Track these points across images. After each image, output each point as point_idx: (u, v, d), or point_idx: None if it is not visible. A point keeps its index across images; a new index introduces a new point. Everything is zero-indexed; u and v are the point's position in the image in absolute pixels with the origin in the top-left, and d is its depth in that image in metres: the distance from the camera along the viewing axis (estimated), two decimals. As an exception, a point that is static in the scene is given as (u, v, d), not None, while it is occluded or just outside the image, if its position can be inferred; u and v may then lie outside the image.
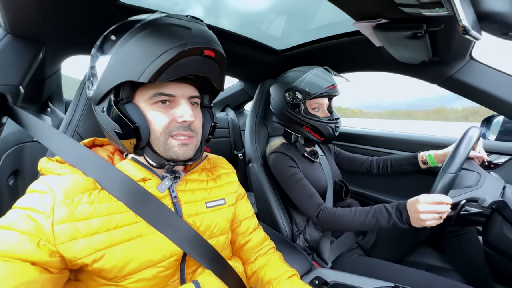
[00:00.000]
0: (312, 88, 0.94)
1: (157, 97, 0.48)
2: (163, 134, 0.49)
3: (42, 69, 0.83)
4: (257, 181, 1.14)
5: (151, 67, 0.42)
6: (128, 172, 0.51)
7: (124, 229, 0.46)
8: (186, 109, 0.49)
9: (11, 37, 0.63)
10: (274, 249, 0.73)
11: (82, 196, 0.45)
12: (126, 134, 0.47)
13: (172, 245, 0.50)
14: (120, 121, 0.46)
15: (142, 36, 0.43)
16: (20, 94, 0.66)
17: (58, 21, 0.67)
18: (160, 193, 0.52)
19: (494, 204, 0.67)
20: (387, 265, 0.85)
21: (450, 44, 0.74)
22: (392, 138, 1.36)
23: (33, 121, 0.56)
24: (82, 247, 0.42)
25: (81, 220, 0.43)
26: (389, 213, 0.76)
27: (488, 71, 0.82)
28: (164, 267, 0.50)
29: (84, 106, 0.68)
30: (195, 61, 0.46)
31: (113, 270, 0.44)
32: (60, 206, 0.42)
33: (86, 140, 0.57)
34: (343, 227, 0.83)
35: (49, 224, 0.40)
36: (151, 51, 0.42)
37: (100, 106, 0.49)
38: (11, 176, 0.81)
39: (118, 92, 0.47)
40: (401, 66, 0.97)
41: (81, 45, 0.83)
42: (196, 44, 0.44)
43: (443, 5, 0.45)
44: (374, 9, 0.62)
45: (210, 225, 0.58)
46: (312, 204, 0.89)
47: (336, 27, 0.99)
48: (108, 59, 0.45)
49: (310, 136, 1.00)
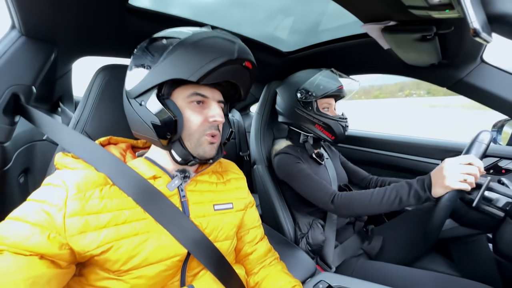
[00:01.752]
0: (324, 87, 0.96)
1: (194, 96, 0.53)
2: (198, 132, 0.54)
3: (53, 69, 0.85)
4: (261, 183, 1.14)
5: (202, 69, 0.47)
6: (139, 169, 0.53)
7: (132, 224, 0.48)
8: (217, 110, 0.55)
9: (25, 39, 0.65)
10: (277, 259, 0.73)
11: (94, 191, 0.46)
12: (165, 126, 0.50)
13: (177, 244, 0.51)
14: (161, 113, 0.50)
15: (197, 42, 0.49)
16: (33, 94, 0.67)
17: (70, 23, 0.68)
18: (169, 191, 0.54)
19: (508, 205, 0.65)
20: (396, 268, 0.83)
21: (460, 46, 0.72)
22: (399, 142, 1.34)
23: (46, 119, 0.57)
24: (90, 240, 0.43)
25: (91, 214, 0.44)
26: (409, 184, 0.73)
27: (500, 75, 0.80)
28: (167, 266, 0.50)
29: (93, 105, 0.69)
30: (235, 69, 0.52)
31: (117, 262, 0.45)
32: (73, 199, 0.44)
33: (102, 138, 0.59)
34: (361, 208, 0.80)
35: (61, 216, 0.42)
36: (203, 55, 0.48)
37: (138, 99, 0.52)
38: (22, 174, 0.83)
39: (161, 88, 0.51)
40: (409, 69, 0.96)
41: (92, 46, 0.85)
42: (240, 55, 0.50)
43: (453, 7, 0.45)
44: (382, 11, 0.62)
45: (216, 228, 0.58)
46: (326, 192, 0.88)
47: (343, 29, 0.99)
48: (159, 58, 0.49)
49: (322, 135, 0.99)
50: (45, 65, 0.69)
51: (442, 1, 0.45)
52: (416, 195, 0.71)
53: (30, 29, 0.64)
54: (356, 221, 1.04)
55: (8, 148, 0.68)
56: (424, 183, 0.70)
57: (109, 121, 0.71)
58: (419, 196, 0.70)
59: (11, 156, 0.73)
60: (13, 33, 0.64)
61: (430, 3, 0.47)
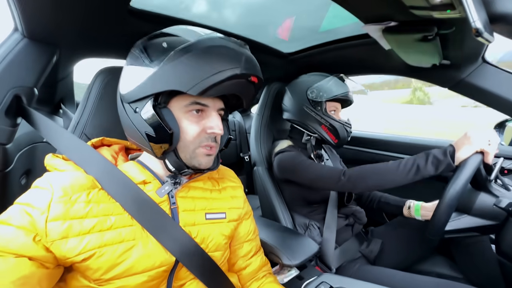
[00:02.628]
0: (337, 89, 0.99)
1: (193, 105, 0.50)
2: (193, 143, 0.51)
3: (55, 71, 0.85)
4: (262, 184, 1.14)
5: (204, 82, 0.44)
6: (129, 173, 0.51)
7: (118, 231, 0.46)
8: (216, 122, 0.52)
9: (27, 41, 0.65)
10: (270, 273, 0.70)
11: (80, 194, 0.45)
12: (160, 139, 0.48)
13: (164, 254, 0.49)
14: (157, 126, 0.47)
15: (199, 52, 0.45)
16: (35, 96, 0.68)
17: (72, 25, 0.69)
18: (159, 197, 0.52)
19: (510, 205, 0.65)
20: (395, 273, 0.82)
21: (461, 47, 0.72)
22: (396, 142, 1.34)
23: (44, 122, 0.57)
24: (72, 246, 0.42)
25: (75, 219, 0.43)
26: (427, 152, 0.73)
27: (502, 75, 0.80)
28: (150, 277, 0.47)
29: (92, 107, 0.69)
30: (240, 84, 0.49)
31: (98, 270, 0.44)
32: (57, 202, 0.42)
33: (94, 139, 0.57)
34: (375, 179, 0.77)
35: (43, 220, 0.41)
36: (206, 68, 0.45)
37: (133, 105, 0.50)
38: (23, 175, 0.83)
39: (157, 97, 0.48)
40: (411, 69, 0.96)
41: (94, 48, 0.85)
42: (247, 70, 0.47)
43: (455, 7, 0.45)
44: (383, 12, 0.62)
45: (206, 238, 0.55)
46: (334, 170, 0.86)
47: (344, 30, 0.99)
48: (158, 65, 0.46)
49: (326, 136, 1.00)
50: (47, 67, 0.69)
51: (443, 1, 0.45)
52: (434, 161, 0.69)
53: (32, 31, 0.64)
54: (355, 223, 1.04)
55: (10, 149, 0.68)
56: (446, 150, 0.70)
57: (109, 122, 0.71)
58: (439, 162, 0.69)
59: (13, 157, 0.73)
60: (15, 36, 0.65)
61: (432, 3, 0.47)
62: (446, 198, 0.68)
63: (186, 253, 0.50)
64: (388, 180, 0.75)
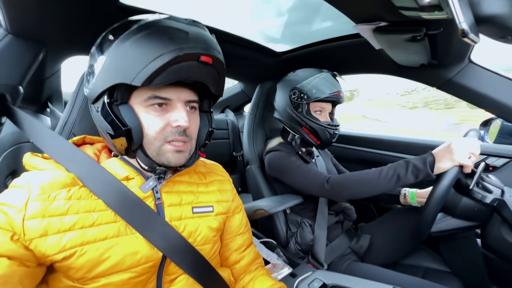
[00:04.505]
0: (317, 91, 0.95)
1: (153, 100, 0.47)
2: (158, 139, 0.48)
3: (42, 69, 0.83)
4: (254, 183, 1.14)
5: (144, 70, 0.41)
6: (112, 170, 0.50)
7: (101, 227, 0.45)
8: (181, 113, 0.48)
9: (11, 37, 0.63)
10: (262, 266, 0.71)
11: (60, 191, 0.43)
12: (118, 136, 0.46)
13: (150, 250, 0.48)
14: (112, 123, 0.46)
15: (138, 38, 0.42)
16: (20, 94, 0.65)
17: (58, 22, 0.67)
18: (143, 193, 0.50)
19: (495, 201, 0.67)
20: (381, 271, 0.85)
21: (449, 47, 0.74)
22: (391, 141, 1.36)
23: (29, 121, 0.55)
24: (51, 244, 0.40)
25: (54, 216, 0.42)
26: (407, 161, 0.73)
27: (487, 74, 0.82)
28: (136, 273, 0.47)
29: (81, 106, 0.68)
30: (190, 66, 0.44)
31: (81, 270, 0.42)
32: (35, 201, 0.41)
33: (75, 137, 0.56)
34: (358, 188, 0.79)
35: (20, 219, 0.39)
36: (145, 54, 0.41)
37: (96, 105, 0.49)
38: (9, 176, 0.80)
39: (113, 93, 0.46)
40: (400, 69, 0.97)
41: (82, 45, 0.83)
42: (193, 49, 0.43)
43: (442, 8, 0.46)
44: (373, 12, 0.63)
45: (194, 232, 0.54)
46: (319, 176, 0.88)
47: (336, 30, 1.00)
48: (104, 59, 0.44)
49: (307, 138, 1.00)
50: (32, 64, 0.67)
51: (431, 2, 0.47)
52: (414, 171, 0.71)
53: (17, 27, 0.62)
54: (344, 220, 1.05)
55: (-6, 150, 0.66)
56: (426, 159, 0.71)
57: None
58: (418, 171, 0.71)
59: (-3, 158, 0.71)
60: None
61: (420, 4, 0.48)
62: (429, 205, 0.70)
63: (173, 248, 0.49)
64: (370, 189, 0.78)
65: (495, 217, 0.72)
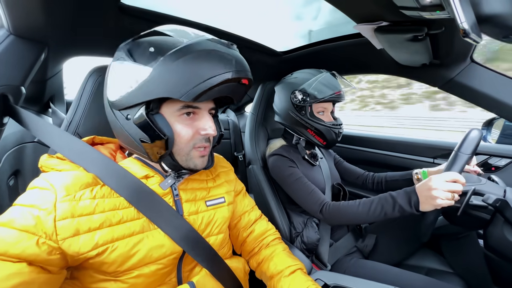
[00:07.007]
0: (320, 92, 0.95)
1: (185, 109, 0.50)
2: (188, 146, 0.52)
3: (44, 69, 0.83)
4: (256, 183, 1.14)
5: (195, 89, 0.44)
6: (130, 169, 0.53)
7: (127, 224, 0.47)
8: (208, 122, 0.53)
9: (14, 38, 0.63)
10: (279, 239, 0.74)
11: (84, 191, 0.45)
12: (156, 145, 0.49)
13: (172, 243, 0.51)
14: (151, 132, 0.48)
15: (190, 58, 0.45)
16: (22, 95, 0.66)
17: (60, 22, 0.67)
18: (162, 190, 0.54)
19: (498, 202, 0.67)
20: (386, 268, 0.85)
21: (451, 46, 0.74)
22: (393, 141, 1.36)
23: (35, 120, 0.56)
24: (84, 242, 0.43)
25: (83, 216, 0.43)
26: (394, 199, 0.74)
27: (489, 74, 0.82)
28: (163, 265, 0.51)
29: (85, 107, 0.68)
30: (231, 86, 0.49)
31: (114, 264, 0.45)
32: (62, 202, 0.42)
33: (85, 138, 0.57)
34: (348, 220, 0.83)
35: (51, 220, 0.41)
36: (197, 75, 0.45)
37: (124, 112, 0.49)
38: (11, 177, 0.81)
39: (149, 103, 0.48)
40: (401, 69, 0.97)
41: (84, 46, 0.83)
42: (238, 74, 0.48)
43: (444, 8, 0.46)
44: (375, 12, 0.63)
45: (210, 223, 0.59)
46: (314, 200, 0.89)
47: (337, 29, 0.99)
48: (148, 71, 0.45)
49: (313, 140, 1.00)
50: (34, 65, 0.68)
51: (433, 2, 0.46)
52: (400, 210, 0.73)
53: (19, 28, 0.62)
54: None
55: (-3, 150, 0.66)
56: (410, 200, 0.72)
57: (102, 122, 0.69)
58: (404, 211, 0.73)
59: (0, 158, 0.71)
60: (1, 32, 0.63)
61: (421, 4, 0.48)
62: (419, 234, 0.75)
63: (190, 243, 0.53)
64: (359, 221, 0.82)
65: (498, 217, 0.72)
